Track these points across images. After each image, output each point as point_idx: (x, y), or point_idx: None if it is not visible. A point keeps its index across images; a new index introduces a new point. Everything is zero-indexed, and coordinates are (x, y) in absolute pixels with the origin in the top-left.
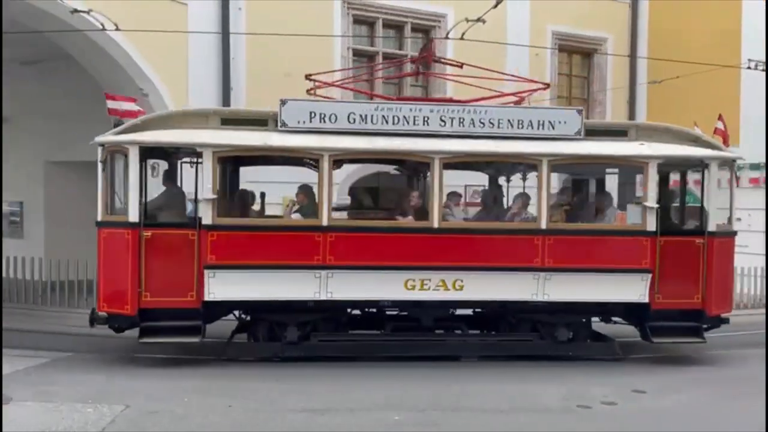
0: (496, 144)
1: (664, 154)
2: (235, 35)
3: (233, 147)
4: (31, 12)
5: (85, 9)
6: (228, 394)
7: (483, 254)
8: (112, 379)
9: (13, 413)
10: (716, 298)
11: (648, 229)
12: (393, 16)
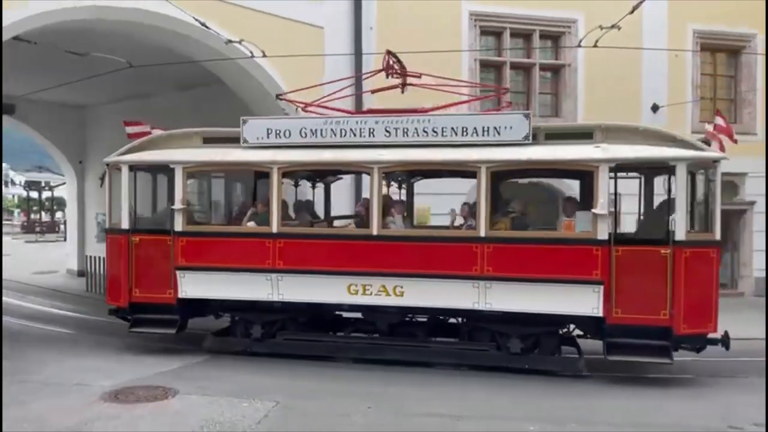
0: (435, 152)
1: (617, 156)
2: (367, 54)
3: (198, 163)
4: (190, 43)
5: (237, 39)
6: (367, 396)
7: (422, 261)
8: (261, 377)
9: (180, 405)
10: (688, 315)
11: (599, 238)
12: (520, 25)
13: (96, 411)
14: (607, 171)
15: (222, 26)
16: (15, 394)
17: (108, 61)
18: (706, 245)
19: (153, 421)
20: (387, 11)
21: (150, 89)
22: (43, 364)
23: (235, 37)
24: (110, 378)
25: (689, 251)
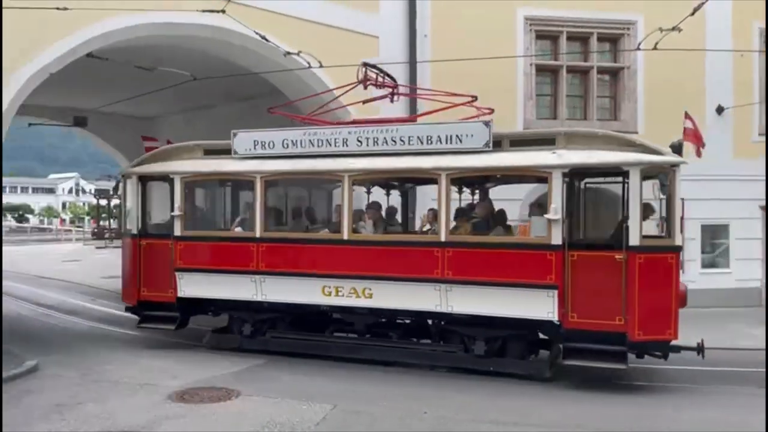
0: (400, 160)
1: (570, 162)
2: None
3: (194, 173)
4: (250, 56)
5: (295, 51)
6: (423, 401)
7: (389, 265)
8: (319, 380)
9: (242, 406)
10: (643, 321)
11: (552, 243)
12: (577, 28)
13: (164, 410)
14: (560, 177)
15: (281, 38)
16: (91, 392)
17: (173, 75)
18: (663, 251)
19: (216, 421)
20: (441, 18)
21: (212, 100)
22: (114, 364)
23: (293, 48)
24: (176, 379)
25: (643, 257)
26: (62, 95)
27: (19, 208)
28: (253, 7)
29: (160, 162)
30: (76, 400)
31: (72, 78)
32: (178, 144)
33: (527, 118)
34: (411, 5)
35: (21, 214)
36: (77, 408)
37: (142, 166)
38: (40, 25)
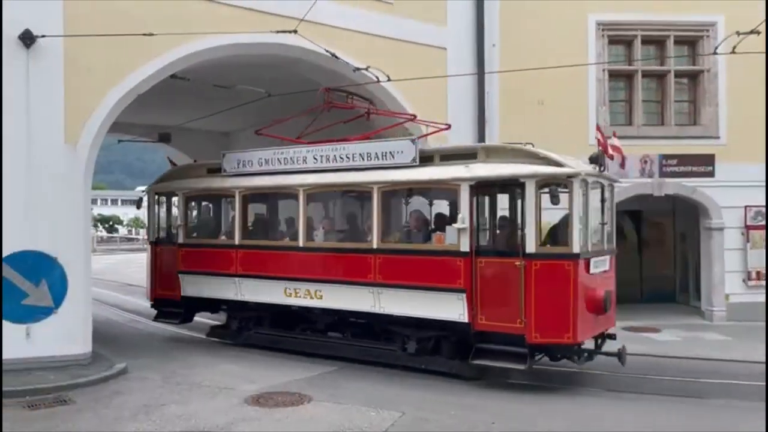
0: (344, 175)
1: (476, 175)
2: (489, 73)
3: (192, 189)
4: (321, 72)
5: (364, 66)
6: (491, 412)
7: (334, 269)
8: (388, 388)
9: (313, 411)
10: (539, 324)
11: (461, 250)
12: (653, 31)
13: (241, 413)
14: (468, 189)
15: (351, 54)
16: (174, 394)
17: (249, 92)
18: (559, 258)
19: (290, 425)
20: (510, 27)
21: (285, 114)
22: (195, 368)
23: (362, 63)
24: (252, 383)
25: (540, 263)
26: (148, 113)
27: (110, 219)
28: (324, 25)
29: (172, 180)
30: (161, 402)
31: (157, 97)
32: (189, 163)
33: (600, 125)
34: (479, 16)
35: (111, 225)
36: (161, 409)
37: (160, 183)
38: (128, 50)
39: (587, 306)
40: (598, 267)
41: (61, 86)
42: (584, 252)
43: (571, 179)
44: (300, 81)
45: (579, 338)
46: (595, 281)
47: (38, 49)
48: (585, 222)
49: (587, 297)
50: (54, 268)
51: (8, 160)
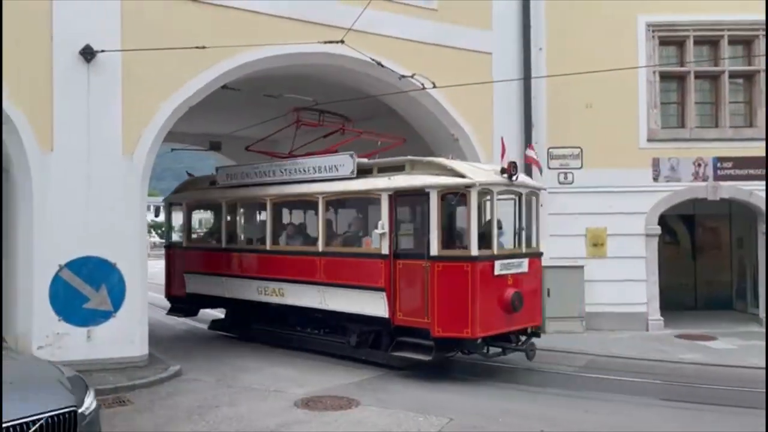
0: (298, 187)
1: (393, 186)
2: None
3: (192, 200)
4: (367, 80)
5: (409, 73)
6: (541, 419)
7: (291, 270)
8: (435, 393)
9: (361, 415)
10: (441, 320)
11: (382, 253)
12: (705, 31)
13: (292, 416)
14: (387, 198)
15: (396, 61)
16: (226, 396)
17: (297, 100)
18: (458, 260)
19: (338, 429)
20: (556, 30)
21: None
22: (246, 372)
23: (407, 71)
24: (301, 387)
25: (442, 265)
26: (199, 123)
27: (162, 225)
28: (369, 34)
29: (184, 191)
30: (213, 403)
31: (208, 107)
32: (199, 176)
33: (651, 128)
34: (525, 19)
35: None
36: (214, 410)
37: (174, 194)
38: (182, 62)
39: (492, 304)
40: (509, 269)
41: (119, 99)
42: (485, 255)
43: (469, 189)
44: (345, 89)
45: (477, 333)
46: (502, 282)
47: (98, 64)
48: (489, 227)
49: (492, 296)
50: (113, 273)
51: (71, 170)
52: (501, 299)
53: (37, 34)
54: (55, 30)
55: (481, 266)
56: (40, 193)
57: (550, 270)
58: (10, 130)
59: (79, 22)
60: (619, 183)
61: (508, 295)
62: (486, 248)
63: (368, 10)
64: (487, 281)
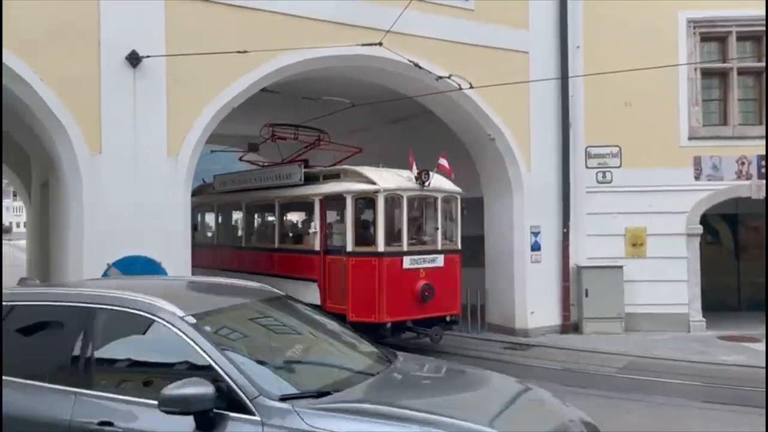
0: (267, 192)
1: (322, 192)
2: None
3: (195, 203)
4: (404, 82)
5: (446, 74)
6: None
7: (258, 264)
8: None
9: None
10: (354, 307)
11: (315, 249)
12: (749, 27)
13: None
14: (318, 202)
15: (433, 62)
16: None
17: (334, 102)
18: (367, 255)
19: None
20: (594, 28)
21: (367, 123)
22: None
23: (444, 72)
24: None
25: (354, 259)
26: (238, 125)
27: None
28: (407, 35)
29: (197, 195)
30: None
31: (247, 109)
32: (208, 182)
33: (692, 126)
34: (562, 18)
35: None
36: None
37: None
38: (223, 66)
39: (403, 294)
40: (421, 264)
41: (164, 102)
42: (393, 251)
43: (376, 194)
44: (382, 90)
45: (385, 318)
46: (414, 275)
47: (143, 68)
48: (396, 226)
49: (401, 287)
50: (158, 272)
51: (118, 171)
52: (412, 290)
53: (86, 39)
54: (102, 36)
55: (388, 261)
56: (89, 194)
57: (587, 270)
58: (60, 133)
59: (125, 28)
60: (660, 182)
61: (418, 287)
62: (398, 245)
63: (405, 12)
64: (395, 274)
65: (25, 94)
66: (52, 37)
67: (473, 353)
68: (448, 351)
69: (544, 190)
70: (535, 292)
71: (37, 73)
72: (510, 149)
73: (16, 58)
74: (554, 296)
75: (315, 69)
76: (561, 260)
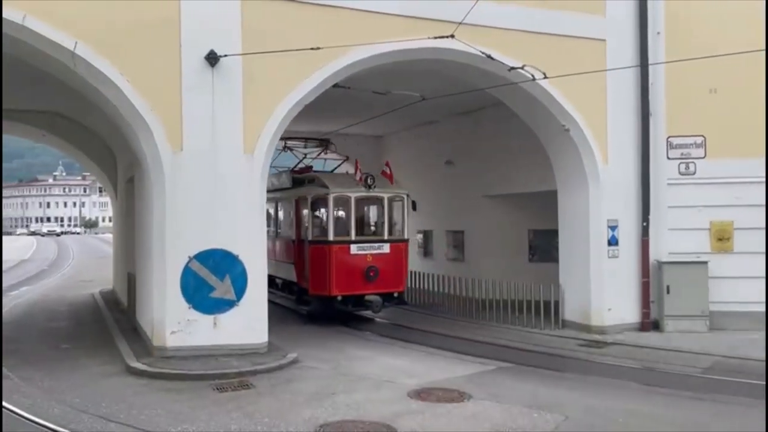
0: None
1: (297, 194)
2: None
3: None
4: (475, 73)
5: (519, 65)
6: (664, 422)
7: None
8: (549, 389)
9: (474, 409)
10: (313, 283)
11: (292, 238)
12: None
13: (405, 405)
14: (293, 202)
15: (506, 53)
16: (342, 384)
17: (403, 96)
18: (321, 243)
19: (452, 421)
20: (675, 13)
21: (435, 116)
22: (359, 361)
23: (517, 62)
24: (412, 378)
25: (312, 246)
26: (309, 121)
27: None
28: (478, 26)
29: None
30: (330, 390)
31: (317, 106)
32: None
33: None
34: (641, 3)
35: None
36: (331, 397)
37: None
38: (297, 63)
39: (351, 274)
40: (367, 250)
41: (240, 100)
42: (341, 240)
43: (327, 196)
44: (451, 83)
45: (335, 292)
46: (362, 259)
47: (221, 68)
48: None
49: (350, 268)
50: (236, 265)
51: (198, 168)
52: (359, 271)
53: (168, 41)
54: (183, 37)
55: (336, 248)
56: (171, 190)
57: (669, 266)
58: (145, 132)
59: (203, 28)
60: (747, 173)
61: (361, 267)
62: (346, 235)
63: (477, 2)
64: (344, 258)
65: (112, 95)
66: (137, 38)
67: (547, 350)
68: (519, 347)
69: (622, 182)
70: (612, 289)
71: (124, 74)
72: (585, 140)
73: (102, 59)
74: (633, 293)
75: (384, 63)
76: (640, 255)
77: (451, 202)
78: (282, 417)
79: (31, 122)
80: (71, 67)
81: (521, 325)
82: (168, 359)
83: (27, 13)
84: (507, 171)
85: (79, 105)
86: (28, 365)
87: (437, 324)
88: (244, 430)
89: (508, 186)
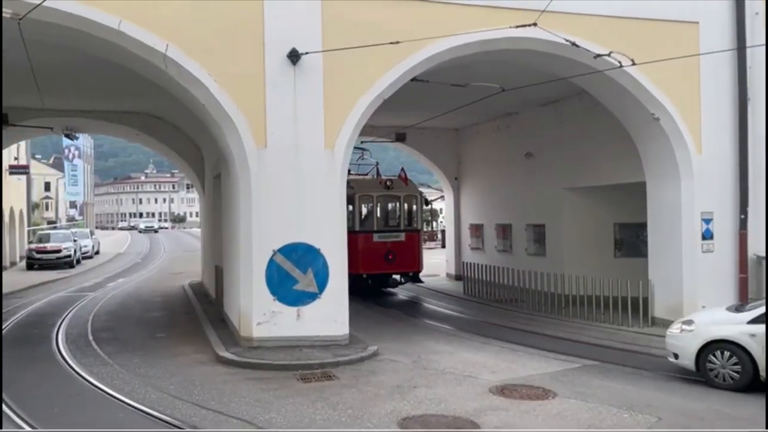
0: None
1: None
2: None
3: None
4: (558, 62)
5: (606, 52)
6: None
7: None
8: (640, 390)
9: (560, 407)
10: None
11: None
12: None
13: (487, 401)
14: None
15: (591, 39)
16: (422, 378)
17: (482, 88)
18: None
19: (537, 419)
20: None
21: (516, 108)
22: (439, 355)
23: (603, 49)
24: (494, 374)
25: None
26: (386, 116)
27: None
28: (561, 13)
29: None
30: (412, 384)
31: (395, 100)
32: None
33: None
34: None
35: None
36: (413, 391)
37: None
38: (375, 58)
39: (375, 257)
40: (387, 238)
41: (321, 97)
42: (365, 230)
43: (354, 195)
44: (532, 73)
45: (361, 271)
46: (382, 245)
47: (302, 65)
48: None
49: (373, 253)
50: (318, 258)
51: (281, 164)
52: (380, 254)
53: (252, 41)
54: (266, 36)
55: (362, 236)
56: (256, 186)
57: None
58: (231, 129)
59: (285, 27)
60: None
61: (381, 251)
62: (370, 227)
63: None
64: (368, 244)
65: (201, 95)
66: (222, 38)
67: (635, 348)
68: (605, 344)
69: (718, 173)
70: (706, 284)
71: (212, 75)
72: (677, 129)
73: (192, 61)
74: (729, 289)
75: (464, 55)
76: (737, 249)
77: (532, 196)
78: (365, 409)
79: (125, 122)
80: (162, 69)
81: (607, 323)
82: (254, 349)
83: (122, 19)
84: (590, 163)
85: (169, 105)
86: (126, 352)
87: (517, 320)
88: (328, 420)
89: (592, 178)
